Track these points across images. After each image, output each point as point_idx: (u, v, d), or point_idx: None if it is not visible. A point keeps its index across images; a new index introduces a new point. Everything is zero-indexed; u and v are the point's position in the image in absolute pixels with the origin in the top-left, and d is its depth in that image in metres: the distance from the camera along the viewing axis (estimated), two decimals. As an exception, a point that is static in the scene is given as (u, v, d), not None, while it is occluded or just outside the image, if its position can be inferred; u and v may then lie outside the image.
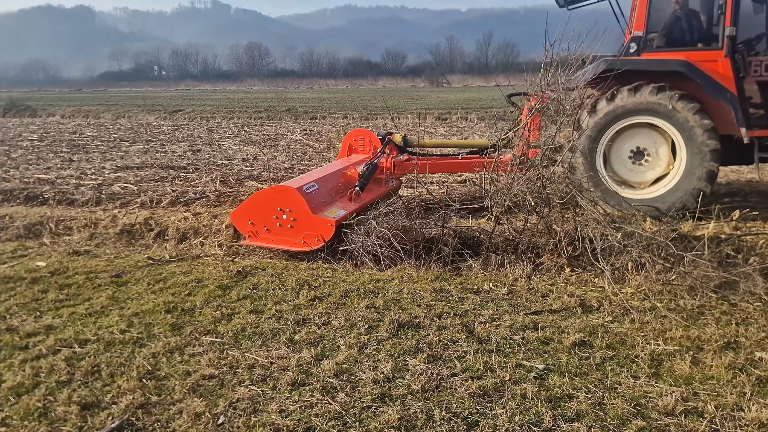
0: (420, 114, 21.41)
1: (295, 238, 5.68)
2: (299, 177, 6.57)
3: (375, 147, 7.58)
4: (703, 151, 6.38)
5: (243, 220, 5.89)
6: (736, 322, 4.08)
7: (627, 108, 6.60)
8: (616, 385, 3.32)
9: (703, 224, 5.88)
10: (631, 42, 6.89)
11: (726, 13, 6.49)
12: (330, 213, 5.82)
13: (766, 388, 3.28)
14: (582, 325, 4.06)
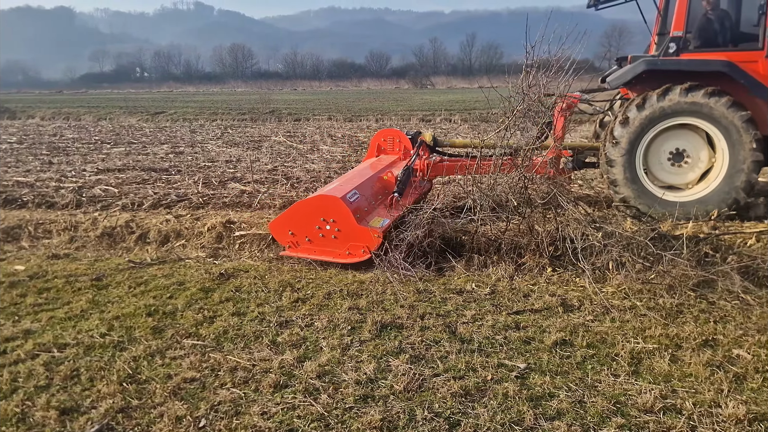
0: (404, 116, 21.46)
1: (339, 249, 5.45)
2: (337, 183, 6.15)
3: (405, 147, 7.47)
4: (745, 161, 6.26)
5: (283, 231, 5.64)
6: (714, 320, 4.14)
7: (677, 108, 6.41)
8: (596, 383, 3.35)
9: (682, 224, 5.95)
10: (671, 42, 6.72)
11: (766, 12, 6.40)
12: (375, 223, 5.64)
13: (743, 385, 3.33)
14: (563, 324, 4.09)
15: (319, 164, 10.89)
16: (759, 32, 6.48)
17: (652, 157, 6.69)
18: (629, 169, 6.58)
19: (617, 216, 6.32)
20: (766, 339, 3.85)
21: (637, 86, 6.78)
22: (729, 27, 6.92)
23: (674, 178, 6.74)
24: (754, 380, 3.37)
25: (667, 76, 6.49)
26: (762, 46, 6.40)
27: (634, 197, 6.56)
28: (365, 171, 6.71)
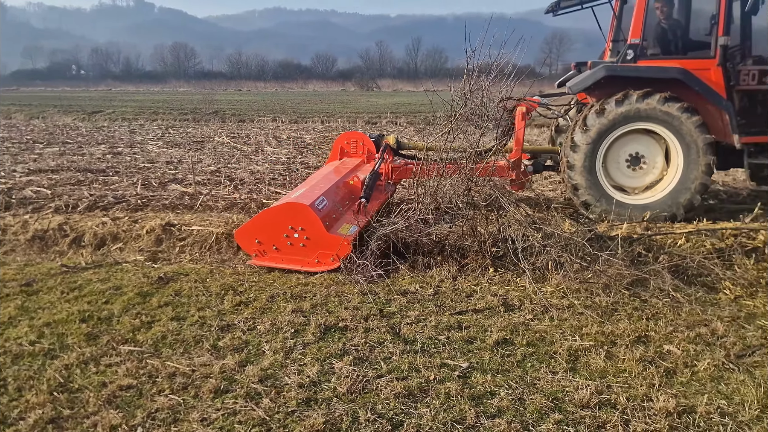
0: (350, 118, 21.45)
1: (307, 258, 5.37)
2: (304, 190, 5.95)
3: (369, 150, 7.40)
4: (699, 164, 6.51)
5: (249, 239, 5.50)
6: (647, 317, 4.30)
7: (635, 113, 6.62)
8: (535, 380, 3.43)
9: (617, 225, 6.17)
10: (629, 49, 6.91)
11: (719, 24, 6.66)
12: (343, 230, 5.58)
13: (673, 379, 3.47)
14: (504, 323, 4.17)
15: (264, 166, 10.75)
16: (711, 41, 6.76)
17: (611, 162, 6.92)
18: (590, 174, 6.78)
19: (556, 217, 6.49)
20: (695, 335, 4.02)
21: (596, 91, 6.97)
22: (681, 35, 7.23)
23: (632, 181, 6.98)
24: (683, 374, 3.52)
25: (625, 82, 6.70)
26: (714, 55, 6.67)
27: (595, 201, 6.77)
28: (331, 176, 6.57)
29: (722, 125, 6.63)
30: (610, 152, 6.83)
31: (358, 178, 6.58)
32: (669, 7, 7.16)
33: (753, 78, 6.83)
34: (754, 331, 4.11)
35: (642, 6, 6.75)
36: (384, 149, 7.18)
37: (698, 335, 4.02)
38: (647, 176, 6.90)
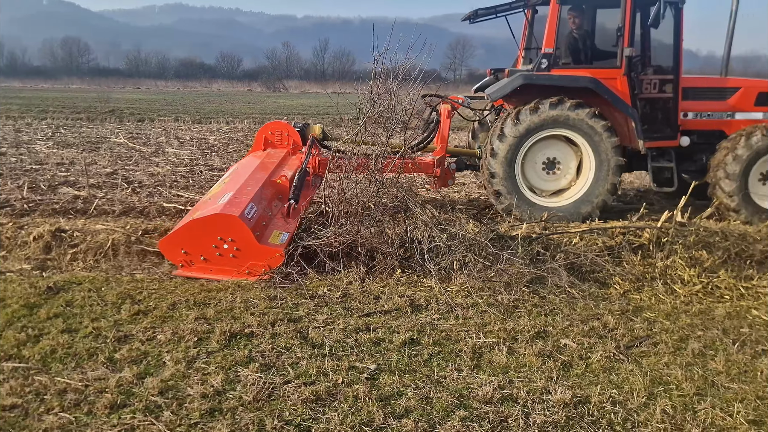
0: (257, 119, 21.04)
1: (238, 268, 5.16)
2: (231, 194, 5.56)
3: (294, 141, 7.17)
4: (610, 166, 6.93)
5: (174, 249, 5.24)
6: (545, 313, 4.51)
7: (549, 120, 6.93)
8: (441, 379, 3.49)
9: (517, 225, 6.42)
10: (543, 58, 7.22)
11: (624, 35, 7.10)
12: (274, 239, 5.38)
13: (569, 372, 3.65)
14: (411, 324, 4.22)
15: (165, 167, 10.33)
16: (617, 52, 7.25)
17: (529, 167, 7.22)
18: (509, 179, 7.06)
19: (461, 218, 6.67)
20: (589, 328, 4.26)
21: (514, 98, 7.27)
22: (590, 46, 7.69)
23: (548, 185, 7.33)
24: (578, 367, 3.71)
25: (540, 89, 7.01)
26: (620, 65, 7.15)
27: (515, 205, 7.02)
28: (257, 174, 6.19)
29: (628, 131, 7.14)
30: (528, 157, 7.17)
31: (286, 177, 6.35)
32: (579, 19, 7.61)
33: (654, 87, 7.43)
34: (641, 323, 4.40)
35: (555, 17, 7.13)
36: (311, 144, 6.95)
37: (592, 329, 4.26)
38: (562, 180, 7.29)
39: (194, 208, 5.81)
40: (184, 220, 5.55)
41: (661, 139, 7.38)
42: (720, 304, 4.85)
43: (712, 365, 3.77)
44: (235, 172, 6.53)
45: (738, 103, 7.59)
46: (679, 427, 3.09)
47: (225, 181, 6.23)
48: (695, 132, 7.52)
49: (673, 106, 7.42)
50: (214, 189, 6.20)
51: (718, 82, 7.68)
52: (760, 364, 3.78)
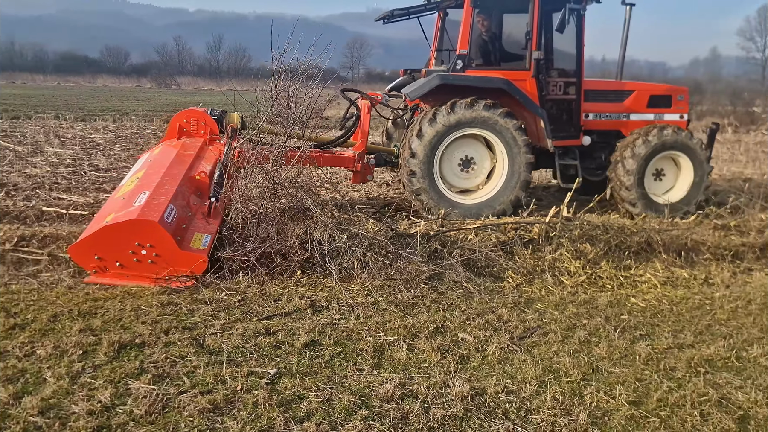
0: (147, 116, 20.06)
1: (157, 274, 4.87)
2: (148, 194, 5.21)
3: (212, 130, 6.78)
4: (521, 163, 7.22)
5: (87, 255, 4.86)
6: (443, 308, 4.62)
7: (464, 120, 7.12)
8: (343, 379, 3.49)
9: (415, 222, 6.53)
10: (457, 59, 7.38)
11: (533, 39, 7.45)
12: (196, 243, 5.08)
13: (467, 365, 3.76)
14: (312, 325, 4.18)
15: (44, 168, 9.61)
16: (526, 54, 7.60)
17: (445, 166, 7.38)
18: (428, 178, 7.20)
19: (361, 218, 6.70)
20: (484, 321, 4.41)
21: (430, 98, 7.42)
22: (499, 48, 8.02)
23: (465, 183, 7.57)
24: (475, 359, 3.83)
25: (456, 90, 7.20)
26: (529, 67, 7.50)
27: (434, 204, 7.18)
28: (174, 171, 5.78)
29: (537, 130, 7.50)
30: (445, 156, 7.35)
31: (206, 173, 6.01)
32: (488, 22, 7.91)
33: (560, 89, 7.89)
34: (532, 315, 4.61)
35: (468, 19, 7.35)
36: (231, 136, 6.62)
37: (487, 322, 4.41)
38: (478, 178, 7.55)
39: (105, 208, 5.38)
40: (95, 222, 5.16)
41: (566, 138, 7.86)
42: (602, 293, 5.18)
43: (597, 351, 4.02)
44: (148, 165, 6.07)
45: (633, 105, 8.25)
46: (568, 411, 3.26)
47: (138, 176, 5.78)
48: (595, 132, 8.09)
49: (576, 107, 7.92)
50: (127, 185, 5.74)
51: (615, 86, 8.32)
52: (638, 348, 4.07)
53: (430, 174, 7.22)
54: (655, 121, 8.05)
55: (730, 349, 4.11)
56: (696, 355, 4.00)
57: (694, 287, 5.44)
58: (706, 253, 6.23)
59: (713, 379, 3.69)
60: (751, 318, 4.72)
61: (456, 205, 7.28)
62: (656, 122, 8.03)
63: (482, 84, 7.36)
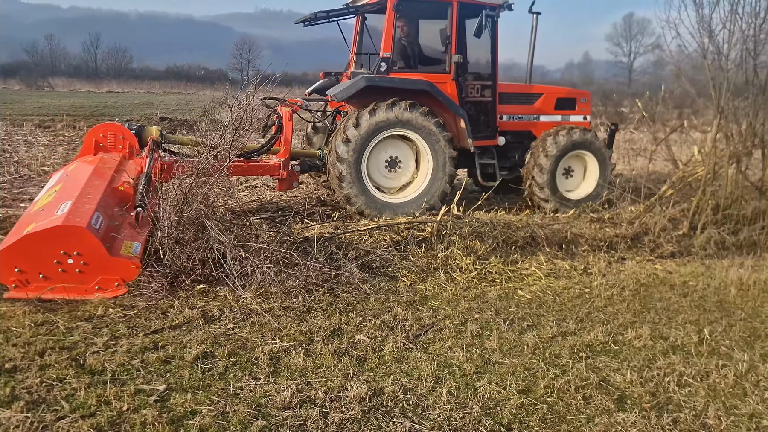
0: (16, 121, 18.51)
1: (85, 284, 4.59)
2: (70, 203, 4.87)
3: (131, 145, 6.50)
4: (445, 159, 7.51)
5: (6, 268, 4.48)
6: (339, 311, 4.60)
7: (387, 121, 7.30)
8: (238, 390, 3.38)
9: (310, 225, 6.48)
10: (381, 62, 7.55)
11: (452, 43, 7.76)
12: (126, 250, 4.82)
13: (364, 366, 3.77)
14: (204, 336, 4.03)
15: None
16: (446, 58, 7.92)
17: (372, 167, 7.50)
18: (357, 181, 7.32)
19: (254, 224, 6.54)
20: (381, 322, 4.44)
21: (354, 99, 7.49)
22: (419, 52, 8.28)
23: (392, 182, 7.80)
24: (372, 360, 3.85)
25: (381, 91, 7.33)
26: (449, 70, 7.83)
27: (364, 206, 7.36)
28: (96, 182, 5.49)
29: (458, 131, 7.78)
30: (372, 158, 7.49)
31: (130, 184, 5.77)
32: (407, 27, 8.15)
33: (477, 91, 8.29)
34: (426, 312, 4.71)
35: (391, 23, 7.54)
36: (153, 148, 6.40)
37: (383, 322, 4.45)
38: (403, 177, 7.77)
39: (22, 222, 4.96)
40: (12, 234, 4.76)
41: (484, 138, 8.24)
42: (492, 288, 5.39)
43: (488, 344, 4.17)
44: (65, 179, 5.70)
45: (542, 106, 8.79)
46: (462, 405, 3.36)
47: (56, 189, 5.40)
48: (509, 132, 8.53)
49: (492, 109, 8.33)
50: (43, 199, 5.35)
51: (526, 89, 8.82)
52: (526, 339, 4.27)
53: (359, 176, 7.36)
54: (562, 122, 8.71)
55: (607, 334, 4.41)
56: (578, 341, 4.25)
57: (575, 277, 5.78)
58: (585, 245, 6.65)
59: (594, 363, 3.94)
60: (626, 304, 5.09)
61: (385, 204, 7.42)
62: (563, 123, 8.65)
63: (407, 86, 7.56)
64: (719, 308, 5.08)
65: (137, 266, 4.77)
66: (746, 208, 7.19)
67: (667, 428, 3.21)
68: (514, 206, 8.51)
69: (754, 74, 7.28)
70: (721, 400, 3.55)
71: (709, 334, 4.46)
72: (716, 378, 3.80)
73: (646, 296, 5.31)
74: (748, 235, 7.09)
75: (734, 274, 5.88)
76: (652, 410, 3.39)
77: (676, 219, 7.29)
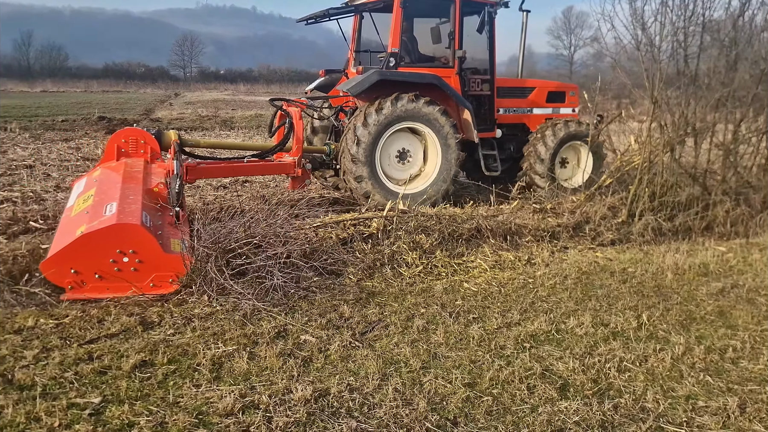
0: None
1: (140, 282, 4.66)
2: (112, 204, 4.93)
3: (152, 149, 6.58)
4: (454, 149, 7.89)
5: (62, 270, 4.51)
6: (285, 312, 4.52)
7: (405, 113, 7.61)
8: (179, 398, 3.27)
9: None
10: (390, 57, 7.84)
11: (455, 39, 8.14)
12: (176, 247, 4.92)
13: (310, 367, 3.71)
14: (143, 344, 3.88)
15: None
16: (449, 54, 8.30)
17: (383, 158, 7.85)
18: (370, 167, 7.57)
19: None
20: (326, 321, 4.38)
21: (362, 94, 7.63)
22: (417, 48, 8.62)
23: (401, 174, 8.04)
24: (318, 360, 3.79)
25: (391, 85, 7.63)
26: (453, 65, 8.17)
27: (375, 192, 7.62)
28: (131, 184, 5.50)
29: (461, 123, 8.17)
30: (384, 149, 7.78)
31: (164, 185, 5.81)
32: (408, 24, 8.42)
33: (477, 85, 8.66)
34: (373, 309, 4.68)
35: (399, 20, 7.86)
36: (179, 149, 6.49)
37: (329, 321, 4.40)
38: (412, 168, 8.09)
39: (66, 226, 5.00)
40: (61, 237, 4.80)
41: (484, 131, 8.53)
42: (438, 281, 5.40)
43: (434, 338, 4.17)
44: (97, 184, 5.63)
45: (535, 100, 9.21)
46: (409, 401, 3.34)
47: (90, 194, 5.38)
48: (506, 125, 8.92)
49: (491, 102, 8.66)
50: (79, 204, 5.33)
51: (520, 83, 9.19)
52: (471, 331, 4.29)
53: (372, 163, 7.60)
54: (553, 115, 9.23)
55: (550, 323, 4.48)
56: (522, 331, 4.31)
57: (519, 268, 5.86)
58: (528, 236, 6.75)
59: (537, 353, 4.00)
60: (568, 292, 5.19)
61: (393, 193, 7.58)
62: (554, 116, 9.13)
63: (417, 80, 7.79)
64: (657, 293, 5.24)
65: (190, 261, 4.82)
66: (681, 195, 7.44)
67: (608, 414, 3.28)
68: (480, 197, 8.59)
69: (684, 65, 7.54)
70: (659, 384, 3.65)
71: (647, 319, 4.59)
72: (654, 362, 3.91)
73: (587, 284, 5.43)
74: (683, 220, 7.36)
75: (670, 259, 6.08)
76: (594, 397, 3.46)
77: (616, 207, 7.49)
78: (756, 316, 4.79)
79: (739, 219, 7.48)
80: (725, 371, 3.86)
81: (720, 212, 7.49)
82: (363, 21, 9.09)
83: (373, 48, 9.06)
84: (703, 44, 7.63)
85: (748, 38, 7.60)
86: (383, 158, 7.85)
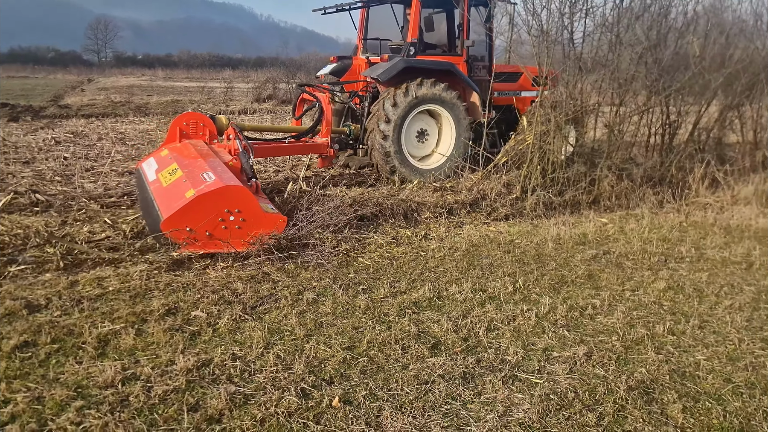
0: None
1: (243, 238, 5.30)
2: (207, 172, 5.62)
3: (210, 131, 7.45)
4: (465, 138, 8.73)
5: (179, 228, 5.11)
6: (177, 290, 4.60)
7: (428, 97, 8.38)
8: (59, 375, 3.34)
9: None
10: (410, 46, 8.59)
11: (464, 30, 8.98)
12: (267, 209, 5.54)
13: (197, 340, 3.84)
14: (26, 326, 3.89)
15: None
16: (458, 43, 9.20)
17: (406, 138, 8.54)
18: (397, 144, 8.33)
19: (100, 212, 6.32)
20: (219, 297, 4.49)
21: (392, 80, 8.24)
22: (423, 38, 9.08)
23: (420, 151, 8.88)
24: (206, 334, 3.92)
25: (413, 71, 8.31)
26: (461, 53, 9.16)
27: (399, 166, 8.38)
28: (210, 158, 6.21)
29: (472, 105, 8.97)
30: (405, 128, 8.45)
31: (237, 159, 6.44)
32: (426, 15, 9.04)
33: (479, 71, 9.46)
34: (266, 285, 4.82)
35: (417, 12, 8.59)
36: (240, 129, 7.11)
37: (221, 297, 4.51)
38: (429, 147, 8.91)
39: (168, 193, 5.58)
40: (172, 201, 5.34)
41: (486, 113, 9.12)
42: (334, 258, 5.59)
43: (323, 309, 4.37)
44: (174, 160, 6.26)
45: (523, 83, 9.96)
46: (289, 365, 3.54)
47: (174, 167, 6.00)
48: (498, 107, 9.58)
49: (489, 86, 9.13)
50: (167, 177, 5.90)
51: (510, 69, 9.80)
52: (359, 301, 4.52)
53: (399, 140, 8.33)
54: (536, 98, 9.54)
55: (434, 291, 4.78)
56: (406, 299, 4.58)
57: (414, 243, 6.14)
58: (427, 213, 7.06)
59: (417, 318, 4.28)
60: (455, 263, 5.51)
61: (415, 168, 8.53)
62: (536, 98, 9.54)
63: (435, 66, 8.63)
64: (536, 261, 5.65)
65: (284, 220, 5.49)
66: (569, 172, 7.95)
67: (470, 366, 3.60)
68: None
69: (570, 48, 8.02)
70: (522, 339, 4.01)
71: (522, 284, 4.97)
72: (521, 321, 4.27)
73: (474, 255, 5.78)
74: (572, 195, 7.87)
75: (554, 231, 6.54)
76: (462, 353, 3.77)
77: (511, 184, 7.91)
78: (621, 278, 5.26)
79: (622, 192, 8.08)
80: (582, 326, 4.27)
81: (606, 187, 8.06)
82: (370, 11, 9.87)
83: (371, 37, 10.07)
84: (586, 29, 8.14)
85: (627, 22, 8.16)
86: (406, 138, 8.55)
